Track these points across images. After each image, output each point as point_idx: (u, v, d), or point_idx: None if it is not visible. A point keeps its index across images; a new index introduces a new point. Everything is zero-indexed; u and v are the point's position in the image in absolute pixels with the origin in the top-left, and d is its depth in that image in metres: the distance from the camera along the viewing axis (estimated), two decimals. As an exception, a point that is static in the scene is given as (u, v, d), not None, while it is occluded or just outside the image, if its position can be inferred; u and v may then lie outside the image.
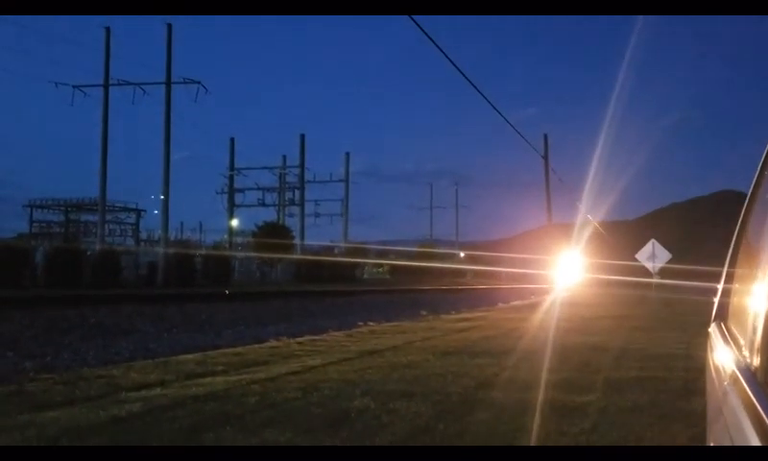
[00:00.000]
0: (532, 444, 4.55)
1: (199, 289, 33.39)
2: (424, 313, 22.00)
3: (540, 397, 6.12)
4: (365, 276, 70.08)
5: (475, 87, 18.78)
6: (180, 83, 43.92)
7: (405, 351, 10.08)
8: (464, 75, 17.56)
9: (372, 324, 17.58)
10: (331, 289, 34.27)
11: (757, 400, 1.13)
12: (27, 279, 35.09)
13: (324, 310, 22.46)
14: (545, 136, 18.88)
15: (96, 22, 43.59)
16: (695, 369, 7.56)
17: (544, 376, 7.43)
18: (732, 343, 1.87)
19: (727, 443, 1.30)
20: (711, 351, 2.32)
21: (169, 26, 43.33)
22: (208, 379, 7.58)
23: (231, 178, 67.21)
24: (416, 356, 9.39)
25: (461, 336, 13.11)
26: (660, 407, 5.91)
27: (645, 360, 9.21)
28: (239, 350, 11.02)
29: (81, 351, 10.26)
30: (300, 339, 13.08)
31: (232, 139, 70.55)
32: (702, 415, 2.53)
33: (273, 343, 12.32)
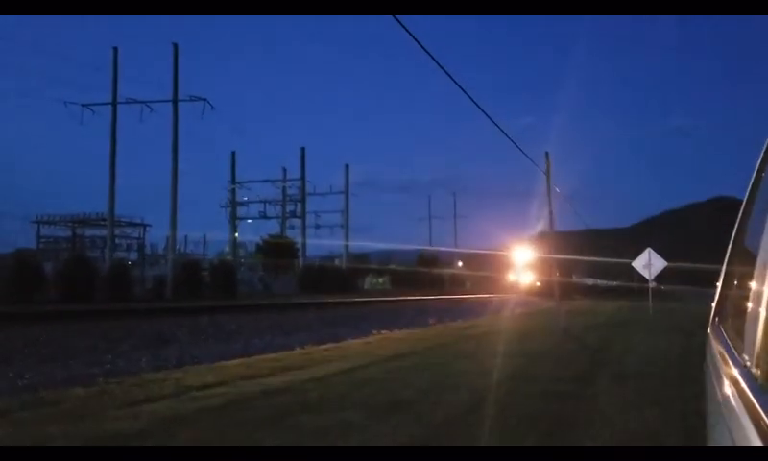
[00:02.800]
0: (547, 420, 5.66)
1: (208, 301, 34.33)
2: (432, 321, 23.05)
3: (554, 387, 7.25)
4: (366, 286, 71.06)
5: (479, 106, 19.81)
6: (187, 100, 45.07)
7: (427, 355, 11.19)
8: (467, 94, 18.58)
9: (385, 332, 18.61)
10: (337, 300, 35.28)
11: (759, 404, 1.13)
12: (40, 294, 36.05)
13: (335, 320, 23.45)
14: (547, 154, 20.08)
15: (105, 43, 44.70)
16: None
17: (554, 371, 8.55)
18: (731, 346, 1.88)
19: (726, 437, 1.32)
20: (710, 353, 2.35)
21: (175, 46, 44.55)
22: (262, 380, 8.65)
23: (234, 191, 68.35)
24: (438, 359, 10.50)
25: (474, 342, 14.19)
26: (647, 396, 7.03)
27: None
28: (274, 356, 12.07)
29: (133, 358, 11.34)
30: (323, 346, 14.13)
31: (233, 153, 71.82)
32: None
33: (300, 350, 13.37)
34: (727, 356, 1.80)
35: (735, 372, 1.51)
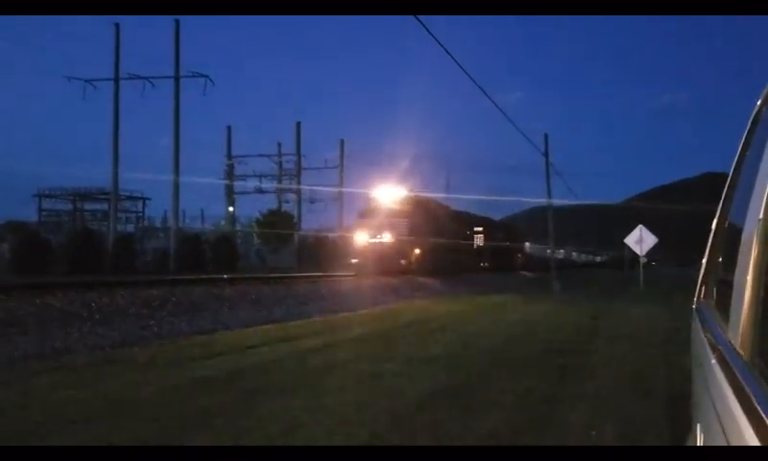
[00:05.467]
0: (540, 368, 6.86)
1: (215, 274, 35.33)
2: (431, 293, 24.18)
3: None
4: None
5: (482, 90, 20.90)
6: (189, 76, 45.67)
7: (450, 317, 12.41)
8: (471, 78, 19.59)
9: (392, 304, 19.79)
10: (338, 274, 36.33)
11: (744, 380, 1.14)
12: (48, 266, 36.97)
13: (341, 291, 24.24)
14: (545, 136, 21.13)
15: (106, 19, 45.09)
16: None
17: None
18: (716, 323, 1.87)
19: (714, 420, 1.30)
20: (696, 328, 2.36)
21: (177, 22, 45.02)
22: (300, 341, 9.82)
23: (231, 166, 69.06)
24: (451, 320, 11.73)
25: (485, 309, 15.44)
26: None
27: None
28: (299, 323, 13.25)
29: (174, 323, 12.48)
30: (341, 315, 15.28)
31: (229, 128, 72.34)
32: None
33: (321, 318, 14.50)
34: (712, 333, 1.80)
35: (721, 348, 1.52)
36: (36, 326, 10.84)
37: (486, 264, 43.04)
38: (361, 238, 28.60)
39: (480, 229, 43.90)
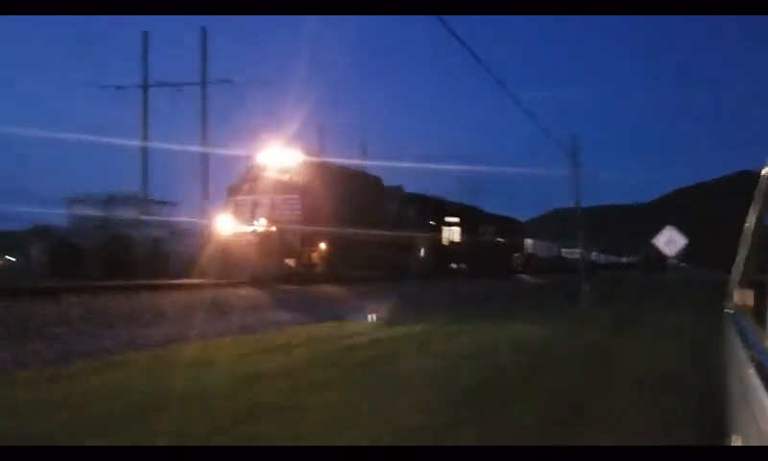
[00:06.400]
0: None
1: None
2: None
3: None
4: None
5: (507, 91, 20.81)
6: (215, 82, 46.37)
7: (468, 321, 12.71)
8: (496, 79, 19.17)
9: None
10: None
11: None
12: (82, 269, 37.84)
13: (350, 294, 23.09)
14: (573, 138, 21.42)
15: (135, 27, 46.07)
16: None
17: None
18: (751, 327, 1.82)
19: (753, 429, 1.29)
20: (731, 334, 2.32)
21: (203, 30, 45.76)
22: (334, 342, 10.12)
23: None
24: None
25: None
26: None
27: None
28: (322, 326, 13.29)
29: (205, 326, 12.76)
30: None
31: (251, 130, 73.19)
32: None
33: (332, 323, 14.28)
34: (748, 340, 1.76)
35: (758, 356, 1.48)
36: (85, 326, 11.32)
37: (461, 266, 32.25)
38: (227, 226, 19.40)
39: (455, 219, 32.05)
